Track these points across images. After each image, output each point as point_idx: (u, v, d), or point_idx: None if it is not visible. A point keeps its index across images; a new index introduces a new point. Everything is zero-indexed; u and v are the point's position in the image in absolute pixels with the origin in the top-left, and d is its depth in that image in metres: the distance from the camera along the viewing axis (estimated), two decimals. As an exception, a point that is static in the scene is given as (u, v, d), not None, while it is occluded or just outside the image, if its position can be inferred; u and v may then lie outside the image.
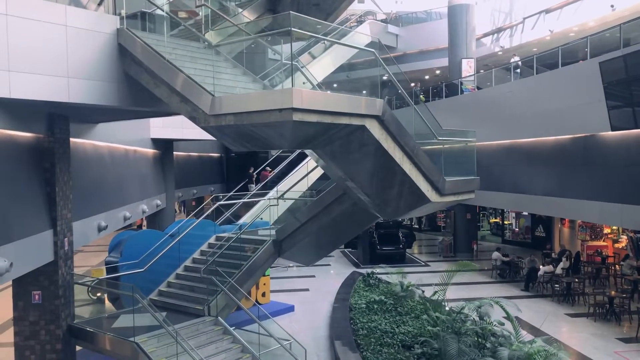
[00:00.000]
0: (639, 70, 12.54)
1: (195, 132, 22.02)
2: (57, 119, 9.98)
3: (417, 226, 36.43)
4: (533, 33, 26.03)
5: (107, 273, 12.66)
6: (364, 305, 14.69)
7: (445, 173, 10.04)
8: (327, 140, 8.29)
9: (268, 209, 13.36)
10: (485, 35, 29.64)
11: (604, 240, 23.35)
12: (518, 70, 20.91)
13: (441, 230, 34.44)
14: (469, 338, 10.04)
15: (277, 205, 13.08)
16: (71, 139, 10.61)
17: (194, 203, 35.40)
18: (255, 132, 7.80)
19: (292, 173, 17.96)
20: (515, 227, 29.75)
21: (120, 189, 15.82)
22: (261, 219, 13.47)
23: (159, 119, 20.25)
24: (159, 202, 20.69)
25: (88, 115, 11.26)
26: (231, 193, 17.14)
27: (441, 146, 10.37)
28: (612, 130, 13.73)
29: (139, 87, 9.16)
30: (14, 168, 8.90)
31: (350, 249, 26.60)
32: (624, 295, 15.39)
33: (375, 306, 14.51)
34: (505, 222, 31.58)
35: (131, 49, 8.78)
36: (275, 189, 15.37)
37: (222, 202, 14.71)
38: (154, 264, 11.82)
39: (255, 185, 19.64)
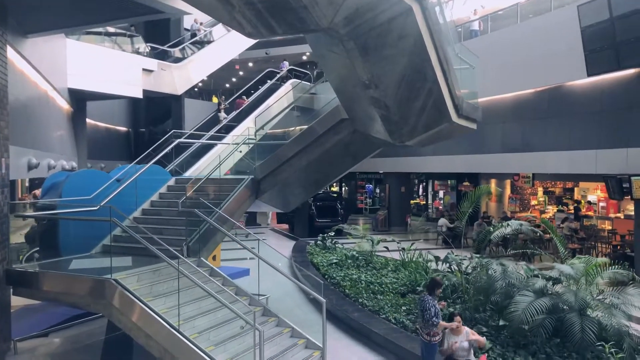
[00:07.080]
0: (622, 9, 12.57)
1: (111, 86, 19.45)
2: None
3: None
4: (464, 9, 26.25)
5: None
6: (334, 262, 13.63)
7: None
8: (369, 22, 7.00)
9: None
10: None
11: (531, 212, 24.14)
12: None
13: (362, 212, 34.30)
14: (501, 266, 9.20)
15: (256, 142, 11.25)
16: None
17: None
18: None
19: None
20: (440, 205, 30.00)
21: (45, 133, 13.25)
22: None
23: (75, 65, 17.63)
24: (74, 164, 17.99)
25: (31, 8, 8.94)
26: (190, 131, 14.95)
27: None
28: (589, 75, 13.73)
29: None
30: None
31: (280, 225, 25.26)
32: (589, 246, 15.62)
33: (349, 261, 13.49)
34: (428, 203, 31.85)
35: None
36: (252, 115, 13.53)
37: (182, 140, 12.65)
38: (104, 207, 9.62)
39: (228, 115, 17.39)
